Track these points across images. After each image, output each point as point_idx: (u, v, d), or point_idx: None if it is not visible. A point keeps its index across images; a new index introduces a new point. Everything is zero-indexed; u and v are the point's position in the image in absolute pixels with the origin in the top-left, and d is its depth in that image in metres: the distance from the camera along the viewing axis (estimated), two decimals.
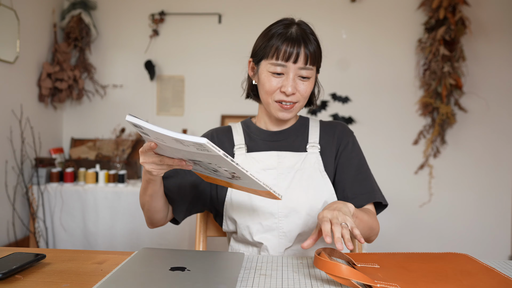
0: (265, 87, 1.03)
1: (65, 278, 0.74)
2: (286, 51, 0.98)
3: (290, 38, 0.99)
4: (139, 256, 0.82)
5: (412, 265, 0.81)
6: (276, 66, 1.00)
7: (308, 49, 0.99)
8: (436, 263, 0.84)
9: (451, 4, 2.88)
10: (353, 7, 3.13)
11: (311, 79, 1.03)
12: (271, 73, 1.01)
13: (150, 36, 3.22)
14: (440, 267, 0.81)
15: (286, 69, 1.00)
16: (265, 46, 1.02)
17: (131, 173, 3.02)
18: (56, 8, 3.17)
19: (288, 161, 1.07)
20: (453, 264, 0.83)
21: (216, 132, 1.16)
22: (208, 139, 0.70)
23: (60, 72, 3.02)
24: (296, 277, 0.77)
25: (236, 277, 0.73)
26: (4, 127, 2.60)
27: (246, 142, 1.12)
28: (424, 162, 3.09)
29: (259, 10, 3.14)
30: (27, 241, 2.77)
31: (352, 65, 3.15)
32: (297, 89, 1.01)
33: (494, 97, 3.04)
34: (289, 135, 1.11)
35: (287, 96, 1.01)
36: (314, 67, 1.02)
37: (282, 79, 1.01)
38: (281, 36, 1.00)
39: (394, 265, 0.81)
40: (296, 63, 0.99)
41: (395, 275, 0.75)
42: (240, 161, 1.08)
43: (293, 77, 1.00)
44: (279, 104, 1.02)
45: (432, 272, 0.77)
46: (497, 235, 3.05)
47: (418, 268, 0.80)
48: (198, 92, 3.24)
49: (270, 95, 1.03)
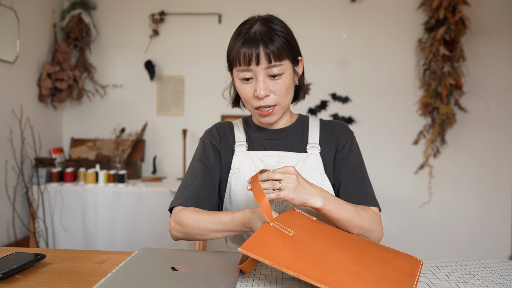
0: (242, 96, 1.01)
1: (65, 278, 0.74)
2: (246, 54, 0.95)
3: (248, 40, 0.95)
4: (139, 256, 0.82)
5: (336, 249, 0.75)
6: (242, 72, 0.97)
7: (268, 47, 0.94)
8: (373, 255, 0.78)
9: (451, 4, 2.87)
10: (353, 7, 3.13)
11: (284, 75, 0.97)
12: (241, 80, 0.99)
13: (150, 36, 3.22)
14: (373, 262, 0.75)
15: (253, 73, 0.96)
16: (230, 53, 1.00)
17: (131, 173, 3.02)
18: (56, 8, 3.17)
19: (288, 161, 1.05)
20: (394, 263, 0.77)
21: (219, 125, 1.14)
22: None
23: (60, 72, 3.02)
24: (296, 277, 0.77)
25: (236, 277, 0.73)
26: (4, 127, 2.60)
27: (246, 140, 1.11)
28: (424, 162, 3.09)
29: (259, 10, 3.12)
30: (27, 241, 2.77)
31: (352, 65, 3.15)
32: (270, 90, 0.97)
33: (494, 97, 3.04)
34: (288, 134, 1.10)
35: (261, 100, 0.97)
36: (283, 61, 0.96)
37: (253, 83, 0.97)
38: (239, 40, 0.97)
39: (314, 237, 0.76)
40: (259, 65, 0.94)
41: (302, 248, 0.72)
42: (240, 159, 1.07)
43: (263, 79, 0.95)
44: (258, 110, 0.99)
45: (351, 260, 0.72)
46: (497, 235, 3.05)
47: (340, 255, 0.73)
48: (198, 92, 3.24)
49: (248, 103, 1.01)
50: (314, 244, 0.74)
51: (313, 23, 3.14)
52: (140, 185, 2.76)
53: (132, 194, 2.69)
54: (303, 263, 0.67)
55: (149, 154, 3.27)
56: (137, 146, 3.19)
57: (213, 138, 1.11)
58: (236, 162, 1.07)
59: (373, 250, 0.80)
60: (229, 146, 1.10)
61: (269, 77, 0.96)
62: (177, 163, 3.25)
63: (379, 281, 0.68)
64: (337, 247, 0.75)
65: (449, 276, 0.79)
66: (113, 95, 3.29)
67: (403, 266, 0.76)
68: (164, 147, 3.26)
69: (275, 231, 0.74)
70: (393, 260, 0.77)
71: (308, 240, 0.75)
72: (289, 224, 0.78)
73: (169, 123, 3.26)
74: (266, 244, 0.70)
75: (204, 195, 1.02)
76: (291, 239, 0.73)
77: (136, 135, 3.16)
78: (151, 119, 3.26)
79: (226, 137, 1.11)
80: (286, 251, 0.69)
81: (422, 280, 0.77)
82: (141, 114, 3.27)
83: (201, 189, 1.03)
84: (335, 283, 0.64)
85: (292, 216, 0.83)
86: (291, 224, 0.79)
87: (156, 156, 3.22)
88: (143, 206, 2.68)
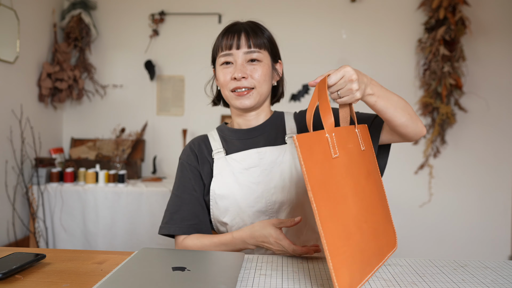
0: (220, 81, 1.05)
1: (65, 278, 0.74)
2: (228, 39, 1.03)
3: (231, 30, 1.04)
4: (139, 256, 0.82)
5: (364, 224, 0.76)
6: (223, 57, 1.03)
7: (250, 35, 1.02)
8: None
9: (451, 4, 2.87)
10: (353, 7, 3.13)
11: (262, 63, 1.03)
12: (222, 66, 1.04)
13: (150, 36, 3.23)
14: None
15: (233, 57, 1.03)
16: (214, 46, 1.08)
17: (131, 173, 3.02)
18: (56, 8, 3.17)
19: (269, 156, 1.05)
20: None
21: (193, 143, 1.15)
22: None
23: (60, 72, 3.02)
24: (296, 277, 0.78)
25: (236, 277, 0.73)
26: (4, 127, 2.60)
27: (223, 146, 1.11)
28: (424, 162, 3.09)
29: (259, 10, 3.14)
30: (27, 241, 2.77)
31: (352, 65, 3.13)
32: (248, 74, 1.02)
33: (494, 97, 3.04)
34: (264, 130, 1.09)
35: (239, 81, 1.02)
36: (262, 50, 1.04)
37: (233, 67, 1.03)
38: (223, 32, 1.06)
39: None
40: (239, 49, 1.02)
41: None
42: (220, 165, 1.07)
43: (242, 62, 1.02)
44: (235, 92, 1.03)
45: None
46: (497, 235, 3.05)
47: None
48: (198, 92, 3.23)
49: (225, 87, 1.04)
50: (341, 181, 0.73)
51: (313, 23, 3.14)
52: (140, 185, 2.76)
53: (132, 194, 2.69)
54: (322, 193, 0.68)
55: (149, 154, 3.27)
56: (137, 146, 3.19)
57: (189, 159, 1.12)
58: (217, 169, 1.07)
59: (376, 215, 0.81)
60: (206, 159, 1.11)
61: (248, 62, 1.03)
62: (177, 163, 3.24)
63: (357, 253, 0.71)
64: (355, 195, 0.75)
65: (449, 276, 0.79)
66: (113, 95, 3.29)
67: (384, 242, 0.81)
68: (164, 147, 3.26)
69: (325, 143, 0.73)
70: (382, 235, 0.81)
71: (340, 172, 0.74)
72: (341, 143, 0.77)
73: (169, 123, 3.26)
74: (311, 149, 0.70)
75: (198, 217, 1.07)
76: (330, 162, 0.72)
77: (136, 135, 3.16)
78: (151, 119, 3.26)
79: (201, 152, 1.12)
80: (319, 170, 0.69)
81: (422, 280, 0.77)
82: (141, 114, 3.27)
83: (192, 212, 1.06)
84: (328, 231, 0.66)
85: (349, 134, 0.81)
86: (343, 143, 0.77)
87: (156, 156, 3.22)
88: (143, 206, 2.68)
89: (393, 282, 0.75)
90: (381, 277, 0.78)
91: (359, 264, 0.71)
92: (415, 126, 0.92)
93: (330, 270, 0.65)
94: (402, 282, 0.75)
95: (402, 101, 0.90)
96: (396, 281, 0.76)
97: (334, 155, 0.73)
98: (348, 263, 0.68)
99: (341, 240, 0.68)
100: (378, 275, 0.79)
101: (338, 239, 0.67)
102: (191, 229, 1.05)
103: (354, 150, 0.81)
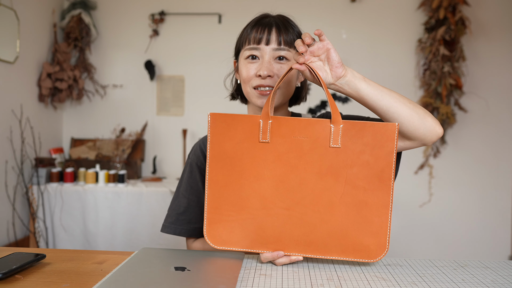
0: (243, 75, 0.99)
1: (65, 278, 0.74)
2: (258, 32, 0.97)
3: (261, 23, 0.99)
4: (139, 256, 0.82)
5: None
6: (250, 51, 0.98)
7: (281, 32, 0.97)
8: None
9: (451, 4, 2.88)
10: (353, 7, 3.13)
11: (291, 61, 0.97)
12: (247, 60, 0.99)
13: (150, 36, 3.23)
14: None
15: (260, 52, 0.97)
16: (240, 37, 1.04)
17: (131, 173, 3.02)
18: (56, 8, 3.17)
19: None
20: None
21: (203, 143, 1.09)
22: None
23: (60, 72, 3.02)
24: (296, 277, 0.77)
25: (236, 277, 0.73)
26: (4, 127, 2.60)
27: None
28: (424, 162, 3.09)
29: (259, 10, 3.13)
30: (27, 241, 2.77)
31: (352, 65, 3.14)
32: (274, 72, 0.96)
33: (494, 97, 3.04)
34: None
35: (263, 80, 0.96)
36: (292, 49, 0.97)
37: (258, 63, 0.97)
38: (253, 23, 1.01)
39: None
40: (268, 45, 0.96)
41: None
42: None
43: (269, 59, 0.96)
44: (257, 90, 0.98)
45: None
46: (497, 235, 3.05)
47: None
48: (198, 92, 3.24)
49: (248, 83, 0.99)
50: (261, 163, 0.79)
51: (313, 23, 3.14)
52: (140, 185, 2.76)
53: (132, 194, 2.69)
54: (223, 163, 0.80)
55: (149, 154, 3.27)
56: (137, 146, 3.19)
57: (199, 160, 1.07)
58: None
59: (320, 213, 0.80)
60: None
61: (275, 59, 0.97)
62: (177, 163, 3.25)
63: (252, 224, 0.80)
64: (279, 181, 0.80)
65: (449, 276, 0.79)
66: (113, 95, 3.29)
67: (330, 242, 0.80)
68: (164, 147, 3.26)
69: (256, 126, 0.78)
70: (325, 232, 0.80)
71: (265, 156, 0.79)
72: (280, 132, 0.78)
73: (169, 123, 3.26)
74: (229, 126, 0.78)
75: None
76: (254, 144, 0.78)
77: (136, 135, 3.16)
78: (151, 119, 3.26)
79: None
80: (231, 145, 0.80)
81: (422, 280, 0.77)
82: (141, 114, 3.27)
83: (199, 215, 1.04)
84: (215, 192, 0.81)
85: (305, 126, 0.79)
86: (283, 132, 0.78)
87: (156, 156, 3.22)
88: (143, 206, 2.68)
89: (393, 282, 0.75)
90: (381, 277, 0.78)
91: (251, 235, 0.80)
92: (423, 123, 0.84)
93: (204, 218, 0.81)
94: (402, 282, 0.75)
95: (402, 97, 0.87)
96: (396, 281, 0.76)
97: (263, 140, 0.78)
98: (230, 225, 0.80)
99: (228, 204, 0.80)
100: (378, 275, 0.79)
101: (225, 202, 0.80)
102: (197, 232, 1.04)
103: (305, 143, 0.79)
